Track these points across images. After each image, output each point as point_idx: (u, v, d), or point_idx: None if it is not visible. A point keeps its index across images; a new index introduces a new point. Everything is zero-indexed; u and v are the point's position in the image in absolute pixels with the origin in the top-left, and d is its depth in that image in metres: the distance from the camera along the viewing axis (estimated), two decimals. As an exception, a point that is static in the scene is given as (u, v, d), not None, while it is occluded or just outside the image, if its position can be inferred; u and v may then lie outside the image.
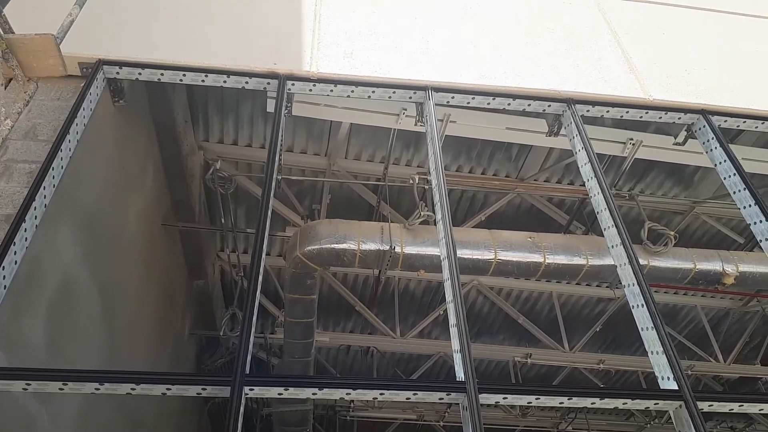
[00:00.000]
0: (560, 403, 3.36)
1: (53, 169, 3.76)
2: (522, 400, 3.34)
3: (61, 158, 3.87)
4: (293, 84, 4.70)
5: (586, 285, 8.82)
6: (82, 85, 4.28)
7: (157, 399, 6.14)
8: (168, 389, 3.06)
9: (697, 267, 6.64)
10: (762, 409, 3.59)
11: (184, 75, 4.57)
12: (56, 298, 4.12)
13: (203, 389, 3.10)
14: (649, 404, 3.46)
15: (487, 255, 6.12)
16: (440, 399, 3.27)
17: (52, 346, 4.04)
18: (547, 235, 6.55)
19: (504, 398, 3.28)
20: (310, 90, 4.77)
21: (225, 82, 4.63)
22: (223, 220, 7.13)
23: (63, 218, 4.15)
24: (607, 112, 5.07)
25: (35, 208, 3.56)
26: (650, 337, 3.60)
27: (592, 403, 3.36)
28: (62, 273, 4.21)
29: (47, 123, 4.12)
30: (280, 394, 3.15)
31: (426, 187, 6.35)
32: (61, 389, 3.03)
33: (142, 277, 5.94)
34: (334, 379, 6.61)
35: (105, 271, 4.93)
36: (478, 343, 9.48)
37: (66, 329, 4.28)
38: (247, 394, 3.06)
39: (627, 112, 5.08)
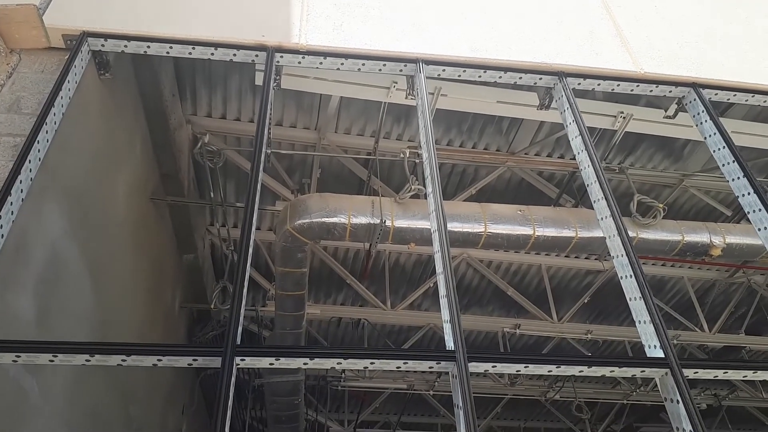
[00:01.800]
0: (549, 371, 3.42)
1: (38, 142, 3.71)
2: (511, 368, 3.39)
3: (47, 131, 3.82)
4: (282, 56, 4.64)
5: (575, 257, 8.92)
6: (67, 57, 4.21)
7: (148, 371, 6.20)
8: (159, 360, 3.08)
9: (684, 239, 6.71)
10: (746, 376, 3.68)
11: (170, 47, 4.50)
12: (44, 272, 4.10)
13: (194, 360, 3.12)
14: (636, 372, 3.53)
15: (477, 228, 6.15)
16: (430, 368, 3.32)
17: (41, 320, 4.03)
18: (537, 208, 6.58)
19: (493, 366, 3.33)
20: (299, 62, 4.71)
21: (212, 54, 4.56)
22: (212, 194, 7.10)
23: (50, 193, 4.10)
24: (599, 85, 5.06)
25: (21, 182, 3.52)
26: (638, 307, 3.65)
27: (580, 371, 3.42)
28: (50, 247, 4.19)
29: (31, 96, 4.05)
30: (271, 364, 3.18)
31: (416, 161, 6.34)
32: (51, 361, 3.04)
33: (132, 251, 5.92)
34: (324, 349, 6.68)
35: (93, 245, 4.91)
36: (467, 314, 9.59)
37: (55, 304, 4.27)
38: (238, 364, 3.09)
39: (618, 85, 5.08)
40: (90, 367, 3.18)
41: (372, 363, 3.31)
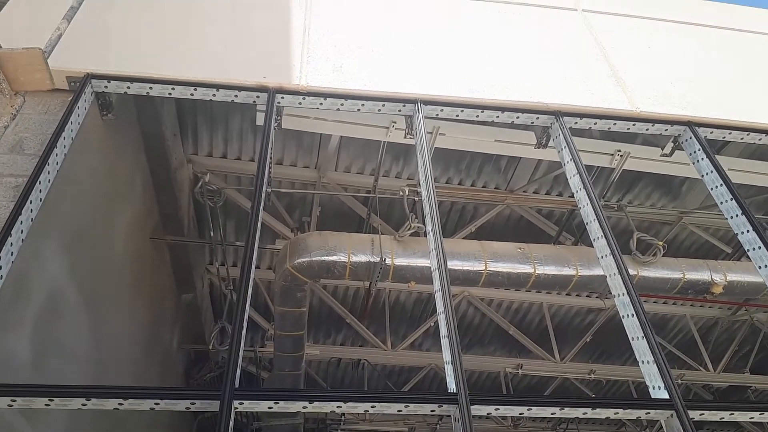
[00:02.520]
0: (552, 413, 3.36)
1: (40, 182, 3.73)
2: (514, 410, 3.33)
3: (48, 172, 3.84)
4: (283, 97, 4.70)
5: (576, 295, 8.86)
6: (70, 99, 4.27)
7: (145, 414, 6.07)
8: (156, 404, 3.03)
9: (685, 277, 6.69)
10: (752, 418, 3.61)
11: (173, 89, 4.56)
12: (43, 312, 4.06)
13: (192, 403, 3.06)
14: (641, 414, 3.46)
15: (478, 266, 6.13)
16: (432, 411, 3.26)
17: (38, 361, 3.98)
18: (537, 246, 6.58)
19: (496, 409, 3.27)
20: (300, 103, 4.78)
21: (214, 95, 4.62)
22: (212, 233, 7.10)
23: (50, 232, 4.10)
24: (595, 124, 5.12)
25: (21, 222, 3.53)
26: (641, 347, 3.61)
27: (584, 414, 3.36)
28: (49, 287, 4.16)
29: (34, 137, 4.09)
30: (270, 407, 3.12)
31: (416, 199, 6.36)
32: (47, 405, 2.98)
33: (130, 291, 5.88)
34: (324, 392, 6.57)
35: (92, 284, 4.88)
36: (469, 355, 9.46)
37: (52, 344, 4.22)
38: (236, 407, 3.03)
39: (614, 124, 5.13)
40: (87, 411, 3.12)
41: (373, 406, 3.25)
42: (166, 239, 6.79)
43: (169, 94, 4.58)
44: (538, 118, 5.04)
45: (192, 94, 4.59)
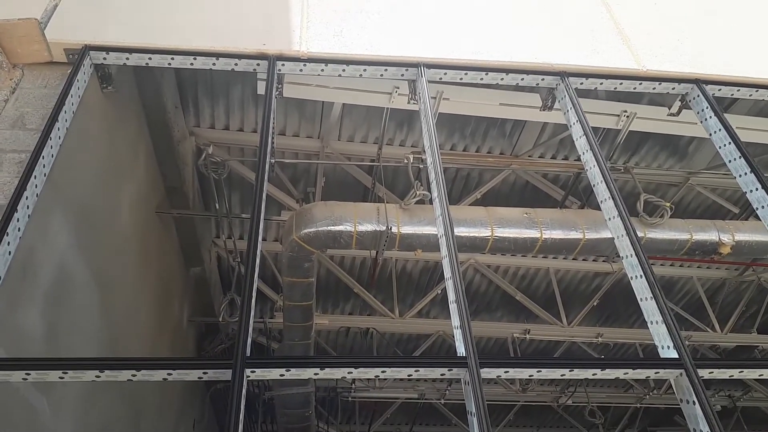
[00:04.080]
0: (562, 375, 3.37)
1: (43, 157, 3.71)
2: (523, 373, 3.35)
3: (51, 146, 3.81)
4: (283, 64, 4.64)
5: (583, 260, 8.87)
6: (69, 71, 4.21)
7: (158, 386, 6.17)
8: (169, 374, 3.05)
9: (693, 237, 6.66)
10: (762, 375, 3.63)
11: (172, 59, 4.50)
12: (52, 288, 4.09)
13: (204, 373, 3.09)
14: (650, 373, 3.48)
15: (484, 232, 6.12)
16: (442, 375, 3.28)
17: (49, 337, 4.02)
18: (543, 210, 6.54)
19: (506, 372, 3.29)
20: (301, 70, 4.71)
21: (214, 64, 4.56)
22: (217, 206, 7.09)
23: (55, 208, 4.10)
24: (601, 84, 5.03)
25: (27, 197, 3.52)
26: (649, 307, 3.61)
27: (593, 374, 3.37)
28: (57, 263, 4.18)
29: (35, 111, 4.05)
30: (281, 375, 3.14)
31: (420, 166, 6.32)
32: (61, 378, 3.01)
33: (138, 265, 5.91)
34: (335, 359, 6.63)
35: (100, 260, 4.90)
36: (476, 321, 9.52)
37: (63, 320, 4.26)
38: (248, 376, 3.06)
39: (621, 83, 5.05)
40: (100, 383, 3.15)
41: (383, 371, 3.27)
42: (171, 213, 6.79)
43: (169, 64, 4.52)
44: (543, 79, 4.95)
45: (192, 64, 4.53)
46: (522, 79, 4.94)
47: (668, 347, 3.44)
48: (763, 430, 12.08)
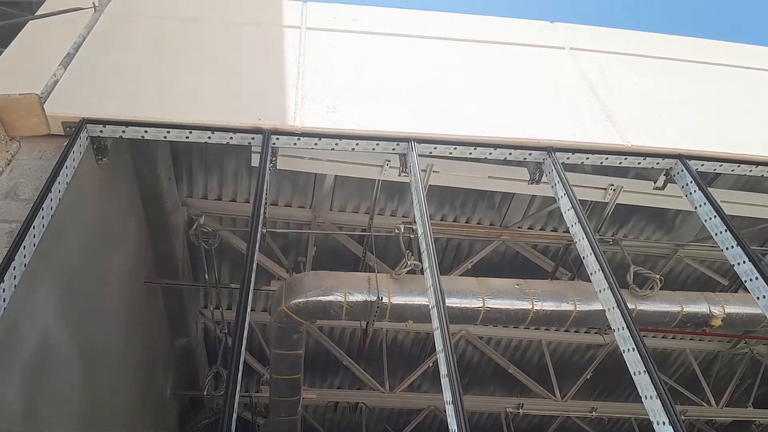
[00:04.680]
0: (557, 453, 3.28)
1: (34, 227, 3.70)
2: (518, 452, 3.25)
3: (42, 217, 3.81)
4: (278, 138, 4.73)
5: (575, 332, 8.79)
6: (65, 144, 4.27)
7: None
8: (151, 453, 2.93)
9: (684, 309, 6.65)
10: (760, 453, 3.53)
11: (168, 132, 4.59)
12: (34, 360, 3.98)
13: (188, 452, 2.97)
14: (647, 452, 3.39)
15: (476, 303, 6.09)
16: (434, 454, 3.17)
17: (28, 410, 3.87)
18: (534, 281, 6.55)
19: (499, 451, 3.19)
20: (295, 144, 4.81)
21: (209, 138, 4.65)
22: (206, 276, 7.04)
23: (43, 278, 4.05)
24: (587, 158, 5.15)
25: (14, 268, 3.48)
26: (643, 382, 3.55)
27: (589, 453, 3.28)
28: (41, 334, 4.08)
29: (29, 182, 4.08)
30: (268, 454, 3.03)
31: (411, 236, 6.35)
32: (37, 457, 2.89)
33: (124, 336, 5.79)
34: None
35: (85, 331, 4.80)
36: (468, 395, 9.30)
37: (44, 393, 4.12)
38: (233, 456, 2.95)
39: (606, 158, 5.17)
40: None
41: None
42: (160, 283, 6.72)
43: (165, 137, 4.60)
44: (530, 154, 5.08)
45: (187, 137, 4.61)
46: (510, 154, 5.06)
47: (664, 423, 3.36)
48: None
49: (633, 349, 3.67)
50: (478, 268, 7.42)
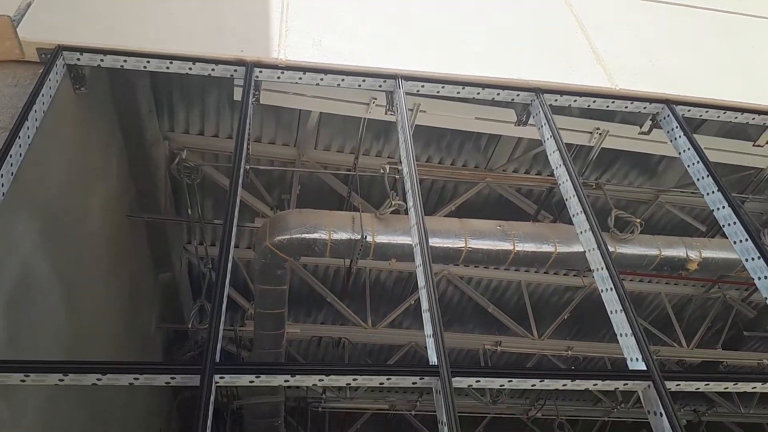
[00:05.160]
0: (532, 385, 3.39)
1: (11, 156, 3.62)
2: (495, 382, 3.36)
3: (20, 145, 3.73)
4: (261, 71, 4.62)
5: (554, 273, 8.96)
6: (41, 71, 4.13)
7: (124, 394, 6.03)
8: (136, 379, 2.99)
9: (662, 253, 6.79)
10: (727, 388, 3.70)
11: (147, 62, 4.44)
12: (15, 291, 3.98)
13: (172, 378, 3.03)
14: (619, 385, 3.53)
15: (458, 243, 6.15)
16: (414, 383, 3.27)
17: (12, 339, 3.90)
18: (516, 223, 6.61)
19: (477, 381, 3.30)
20: (278, 77, 4.69)
21: (190, 69, 4.51)
22: (189, 212, 7.01)
23: (22, 209, 4.00)
24: (575, 101, 5.12)
25: (-8, 197, 3.43)
26: (619, 320, 3.66)
27: (563, 385, 3.40)
28: (21, 265, 4.07)
29: (4, 110, 3.96)
30: (251, 381, 3.11)
31: (396, 177, 6.34)
32: (23, 381, 2.93)
33: (106, 269, 5.79)
34: (306, 366, 6.56)
35: (67, 263, 4.79)
36: (449, 332, 9.54)
37: (26, 324, 4.15)
38: (217, 382, 3.01)
39: (594, 101, 5.14)
40: (64, 389, 3.07)
41: (354, 379, 3.25)
42: (143, 217, 6.69)
43: (144, 67, 4.47)
44: (518, 95, 5.02)
45: (168, 68, 4.48)
46: (498, 94, 5.00)
47: (637, 359, 3.49)
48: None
49: (611, 289, 3.77)
50: (462, 210, 7.46)
